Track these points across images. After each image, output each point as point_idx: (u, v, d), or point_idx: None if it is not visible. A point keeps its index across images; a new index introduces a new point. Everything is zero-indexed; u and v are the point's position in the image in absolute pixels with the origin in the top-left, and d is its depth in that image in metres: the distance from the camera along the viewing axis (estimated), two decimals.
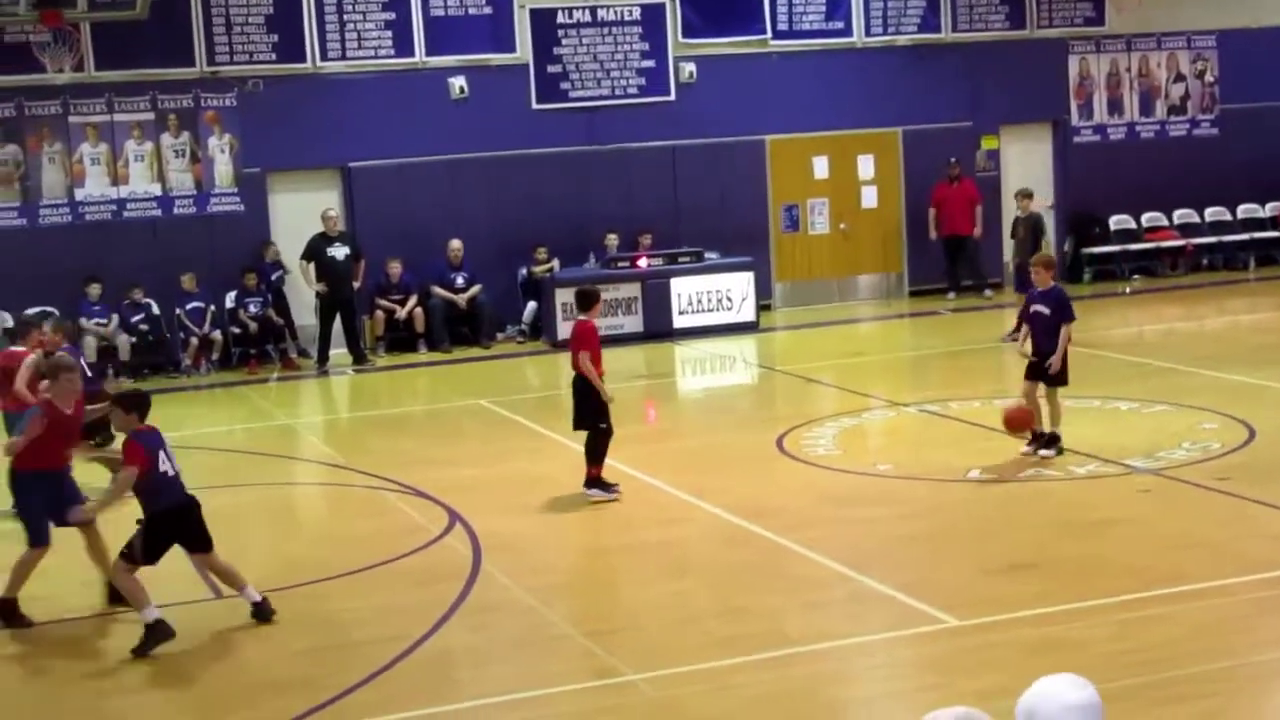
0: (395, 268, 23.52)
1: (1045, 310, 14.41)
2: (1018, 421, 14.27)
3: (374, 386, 21.81)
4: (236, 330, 22.97)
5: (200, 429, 18.37)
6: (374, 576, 11.78)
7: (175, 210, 23.12)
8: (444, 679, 9.63)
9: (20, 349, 14.30)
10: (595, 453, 13.63)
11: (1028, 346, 14.57)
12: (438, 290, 23.74)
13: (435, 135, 23.94)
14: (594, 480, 13.58)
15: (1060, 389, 14.47)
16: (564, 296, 23.19)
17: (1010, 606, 10.17)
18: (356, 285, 22.72)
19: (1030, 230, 21.93)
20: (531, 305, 24.12)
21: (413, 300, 23.58)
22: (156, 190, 23.04)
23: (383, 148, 23.75)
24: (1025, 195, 22.43)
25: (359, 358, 22.71)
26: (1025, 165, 27.15)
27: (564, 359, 22.23)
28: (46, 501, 11.19)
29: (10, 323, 20.14)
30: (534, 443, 16.58)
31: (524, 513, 13.48)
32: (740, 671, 9.31)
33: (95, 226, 22.73)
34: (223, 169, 23.30)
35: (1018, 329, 15.76)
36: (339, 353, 22.81)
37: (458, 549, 12.35)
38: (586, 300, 14.10)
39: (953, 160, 25.87)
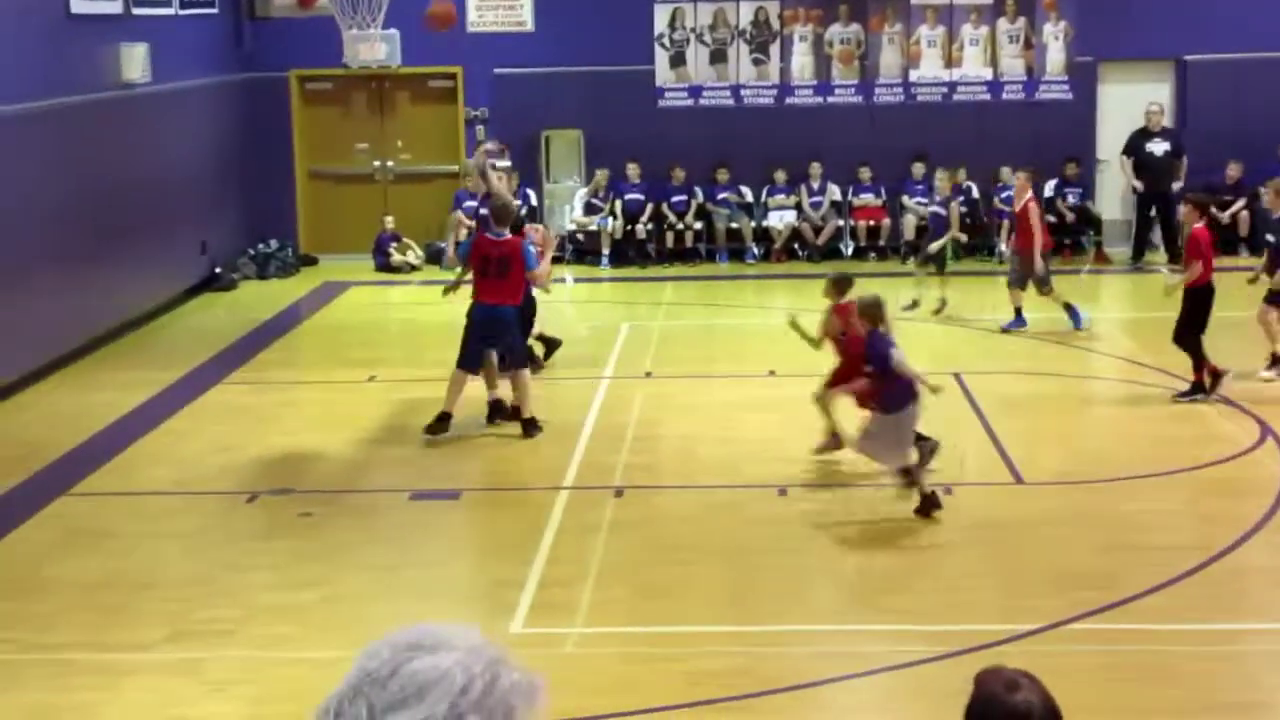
0: (1233, 170, 22.35)
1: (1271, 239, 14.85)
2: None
3: None
4: (1053, 219, 22.79)
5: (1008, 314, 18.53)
6: (1173, 482, 11.60)
7: (1004, 95, 23.29)
8: (1241, 596, 9.44)
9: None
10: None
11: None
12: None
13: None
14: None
15: None
16: None
17: None
18: (1177, 185, 21.97)
19: None
20: None
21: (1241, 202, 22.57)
22: (987, 75, 23.27)
23: (1222, 41, 22.74)
24: None
25: (1175, 255, 22.02)
26: None
27: None
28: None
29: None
30: None
31: None
32: None
33: (925, 107, 23.27)
34: (1054, 56, 23.19)
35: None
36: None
37: (1268, 464, 11.93)
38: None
39: None
